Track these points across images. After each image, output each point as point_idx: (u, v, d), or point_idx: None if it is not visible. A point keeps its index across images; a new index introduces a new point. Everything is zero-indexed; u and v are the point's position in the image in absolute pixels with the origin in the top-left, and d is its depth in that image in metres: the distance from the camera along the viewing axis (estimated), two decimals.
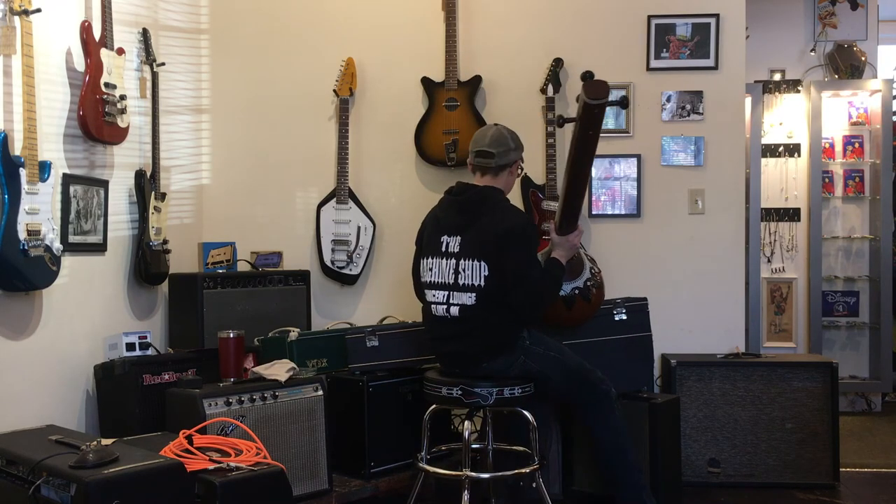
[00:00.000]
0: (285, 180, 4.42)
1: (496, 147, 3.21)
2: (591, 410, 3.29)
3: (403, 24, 4.36)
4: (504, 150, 3.22)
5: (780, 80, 5.71)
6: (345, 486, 3.38)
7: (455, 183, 3.34)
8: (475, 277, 3.12)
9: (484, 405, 3.12)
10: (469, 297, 3.13)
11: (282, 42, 4.41)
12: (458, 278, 3.15)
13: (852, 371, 5.60)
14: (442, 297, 3.20)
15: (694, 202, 4.25)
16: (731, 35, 4.23)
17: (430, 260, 3.27)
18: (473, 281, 3.12)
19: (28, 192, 2.84)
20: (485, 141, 3.23)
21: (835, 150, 5.68)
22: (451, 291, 3.17)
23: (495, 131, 3.26)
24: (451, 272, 3.18)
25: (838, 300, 5.68)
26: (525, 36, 4.31)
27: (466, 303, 3.13)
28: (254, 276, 4.00)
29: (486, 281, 3.10)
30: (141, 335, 3.47)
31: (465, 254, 3.15)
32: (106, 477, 2.23)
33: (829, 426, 3.92)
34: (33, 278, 2.90)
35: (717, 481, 3.93)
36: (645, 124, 4.26)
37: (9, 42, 2.81)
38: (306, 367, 3.51)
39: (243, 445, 2.68)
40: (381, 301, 4.33)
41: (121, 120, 3.39)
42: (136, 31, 3.74)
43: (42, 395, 3.11)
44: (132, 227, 3.70)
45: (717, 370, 3.97)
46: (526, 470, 3.18)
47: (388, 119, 4.36)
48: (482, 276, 3.11)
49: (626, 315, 3.68)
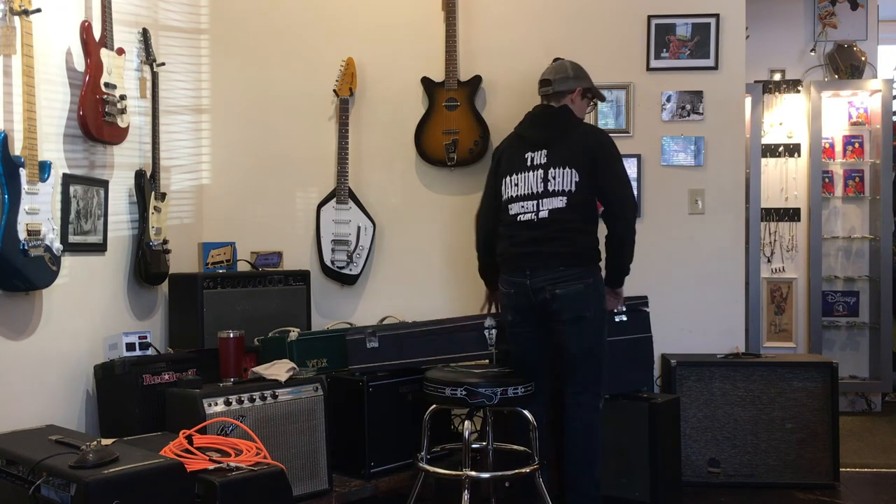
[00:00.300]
0: (285, 180, 4.42)
1: (554, 75, 3.46)
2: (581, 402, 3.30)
3: (403, 24, 4.36)
4: (562, 78, 3.44)
5: (780, 80, 5.71)
6: (345, 486, 3.38)
7: (534, 106, 3.52)
8: (566, 183, 3.29)
9: (488, 405, 3.12)
10: (560, 200, 3.28)
11: (282, 42, 4.41)
12: (547, 185, 3.31)
13: (852, 371, 5.60)
14: (532, 205, 3.33)
15: (694, 202, 4.25)
16: (731, 35, 4.23)
17: (514, 177, 3.40)
18: (564, 186, 3.28)
19: (28, 192, 2.84)
20: (547, 71, 3.50)
21: (835, 150, 5.68)
22: (540, 199, 3.31)
23: (557, 63, 3.53)
24: (539, 181, 3.33)
25: (838, 300, 5.68)
26: (525, 36, 4.31)
27: (557, 206, 3.28)
28: (254, 276, 4.00)
29: (577, 187, 3.27)
30: (141, 335, 3.47)
31: (554, 163, 3.31)
32: (106, 477, 2.23)
33: (829, 426, 3.92)
34: (33, 278, 2.90)
35: (717, 481, 3.93)
36: (645, 124, 4.26)
37: (9, 42, 2.81)
38: (306, 367, 3.50)
39: (243, 445, 2.67)
40: (381, 301, 4.32)
41: (121, 120, 3.39)
42: (136, 31, 3.74)
43: (42, 395, 3.11)
44: (132, 227, 3.70)
45: (717, 370, 3.97)
46: (526, 470, 3.18)
47: (388, 119, 4.37)
48: (573, 182, 3.28)
49: (626, 316, 3.68)
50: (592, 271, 3.31)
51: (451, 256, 4.34)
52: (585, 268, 3.29)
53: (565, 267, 3.26)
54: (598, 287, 3.32)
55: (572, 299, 3.25)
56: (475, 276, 4.28)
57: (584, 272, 3.28)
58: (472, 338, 3.67)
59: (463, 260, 4.33)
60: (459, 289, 4.30)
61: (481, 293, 3.75)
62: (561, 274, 3.26)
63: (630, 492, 3.57)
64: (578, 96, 3.48)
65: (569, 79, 3.45)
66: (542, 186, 3.31)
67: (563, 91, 3.44)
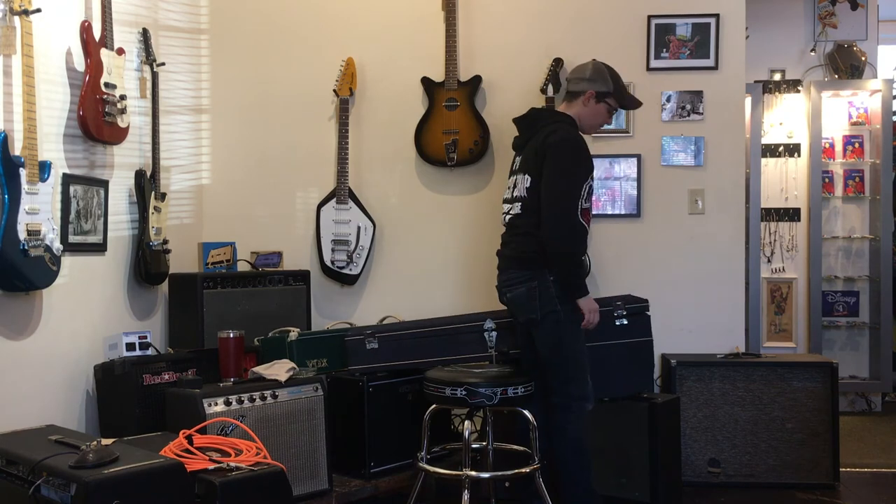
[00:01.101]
0: (285, 180, 4.42)
1: (573, 75, 3.47)
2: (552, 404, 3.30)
3: (403, 24, 4.36)
4: (577, 79, 3.43)
5: (780, 80, 5.71)
6: (345, 486, 3.38)
7: None
8: (522, 189, 3.34)
9: (488, 405, 3.11)
10: (518, 206, 3.35)
11: (282, 42, 4.41)
12: (513, 192, 3.40)
13: (852, 371, 5.60)
14: (506, 208, 3.44)
15: (694, 202, 4.25)
16: (731, 35, 4.23)
17: (508, 180, 3.51)
18: (520, 192, 3.34)
19: (28, 192, 2.84)
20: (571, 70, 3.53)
21: (835, 150, 5.68)
22: (510, 204, 3.41)
23: (585, 63, 3.48)
24: (511, 187, 3.43)
25: (838, 300, 5.68)
26: (525, 36, 4.31)
27: (516, 212, 3.36)
28: (254, 276, 4.00)
29: (528, 192, 3.29)
30: (141, 335, 3.47)
31: (520, 169, 3.38)
32: (106, 477, 2.23)
33: (829, 426, 3.92)
34: (33, 278, 2.90)
35: (717, 481, 3.93)
36: (645, 124, 4.26)
37: (9, 42, 2.81)
38: (306, 367, 3.50)
39: (243, 445, 2.67)
40: (381, 301, 4.32)
41: (121, 120, 3.39)
42: (136, 31, 3.74)
43: (42, 395, 3.11)
44: (132, 227, 3.70)
45: (717, 370, 3.97)
46: (526, 470, 3.18)
47: (388, 119, 4.36)
48: (525, 188, 3.31)
49: (626, 320, 3.66)
50: (535, 274, 3.24)
51: (452, 256, 4.35)
52: (528, 270, 3.27)
53: (513, 269, 3.33)
54: (543, 289, 3.22)
55: (518, 303, 3.31)
56: (475, 275, 4.30)
57: (527, 275, 3.26)
58: (472, 338, 3.67)
59: (463, 260, 4.33)
60: (459, 289, 4.31)
61: (481, 293, 3.76)
62: (509, 276, 3.34)
63: (630, 492, 3.57)
64: (591, 99, 3.40)
65: (582, 80, 3.40)
66: (511, 193, 3.42)
67: (574, 91, 3.42)
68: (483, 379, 3.12)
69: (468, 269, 4.32)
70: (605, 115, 3.46)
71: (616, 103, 3.46)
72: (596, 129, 3.55)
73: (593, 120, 3.45)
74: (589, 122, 3.45)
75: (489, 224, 4.18)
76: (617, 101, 3.45)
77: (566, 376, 3.26)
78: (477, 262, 4.29)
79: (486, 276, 4.28)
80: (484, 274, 4.28)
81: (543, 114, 3.48)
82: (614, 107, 3.46)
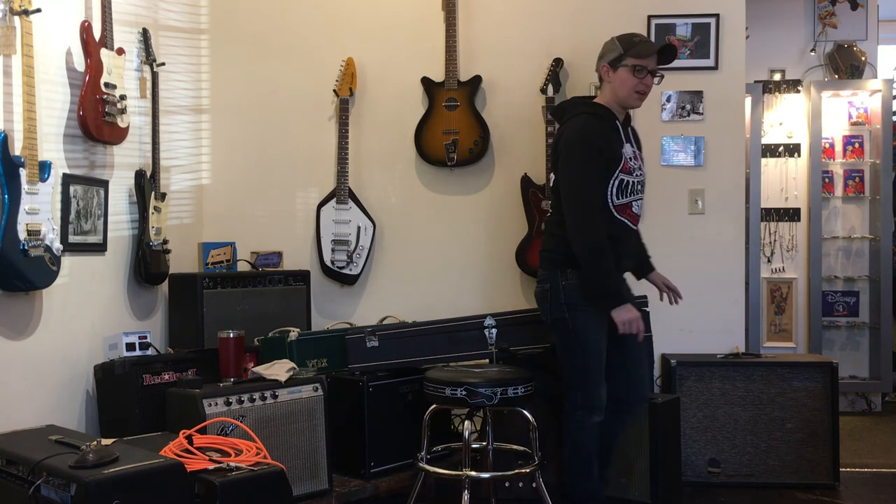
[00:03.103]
0: (285, 180, 4.42)
1: None
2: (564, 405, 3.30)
3: (403, 24, 4.36)
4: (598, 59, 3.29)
5: (780, 80, 5.71)
6: (345, 486, 3.38)
7: None
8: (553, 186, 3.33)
9: (488, 405, 3.11)
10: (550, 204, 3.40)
11: (282, 42, 4.41)
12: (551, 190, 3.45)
13: (852, 371, 5.60)
14: None
15: (694, 202, 4.25)
16: (731, 35, 4.23)
17: None
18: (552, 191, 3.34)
19: (28, 192, 2.84)
20: None
21: (835, 150, 5.68)
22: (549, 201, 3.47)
23: None
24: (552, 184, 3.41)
25: (838, 300, 5.68)
26: (525, 36, 4.31)
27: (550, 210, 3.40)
28: (254, 276, 4.00)
29: (553, 191, 3.31)
30: (141, 335, 3.47)
31: (552, 166, 3.37)
32: (106, 477, 2.23)
33: (829, 426, 3.92)
34: (33, 278, 2.90)
35: (717, 481, 3.92)
36: (645, 124, 4.25)
37: (9, 42, 2.81)
38: (306, 367, 3.50)
39: (243, 445, 2.67)
40: (381, 301, 4.32)
41: (121, 120, 3.39)
42: (136, 31, 3.74)
43: (42, 395, 3.11)
44: (132, 227, 3.70)
45: (717, 370, 3.97)
46: (526, 470, 3.18)
47: (388, 119, 4.36)
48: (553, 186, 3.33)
49: None
50: (550, 276, 3.20)
51: (452, 256, 4.34)
52: (546, 271, 3.25)
53: (540, 268, 3.32)
54: (554, 294, 3.17)
55: (537, 302, 3.31)
56: (475, 276, 4.30)
57: (544, 275, 3.26)
58: (472, 337, 3.67)
59: (463, 260, 4.33)
60: (460, 289, 4.31)
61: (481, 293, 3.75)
62: (538, 274, 3.33)
63: (630, 492, 3.57)
64: (609, 72, 3.21)
65: (597, 62, 3.28)
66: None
67: (598, 75, 3.29)
68: (483, 379, 3.12)
69: (468, 270, 4.32)
70: (630, 78, 3.17)
71: (633, 60, 3.16)
72: (635, 97, 3.21)
73: (623, 89, 3.19)
74: (622, 94, 3.20)
75: (489, 224, 4.18)
76: (633, 57, 3.16)
77: (571, 384, 3.24)
78: (477, 262, 4.29)
79: (486, 276, 4.29)
80: (484, 274, 4.29)
81: (566, 106, 3.35)
82: (634, 65, 3.16)
